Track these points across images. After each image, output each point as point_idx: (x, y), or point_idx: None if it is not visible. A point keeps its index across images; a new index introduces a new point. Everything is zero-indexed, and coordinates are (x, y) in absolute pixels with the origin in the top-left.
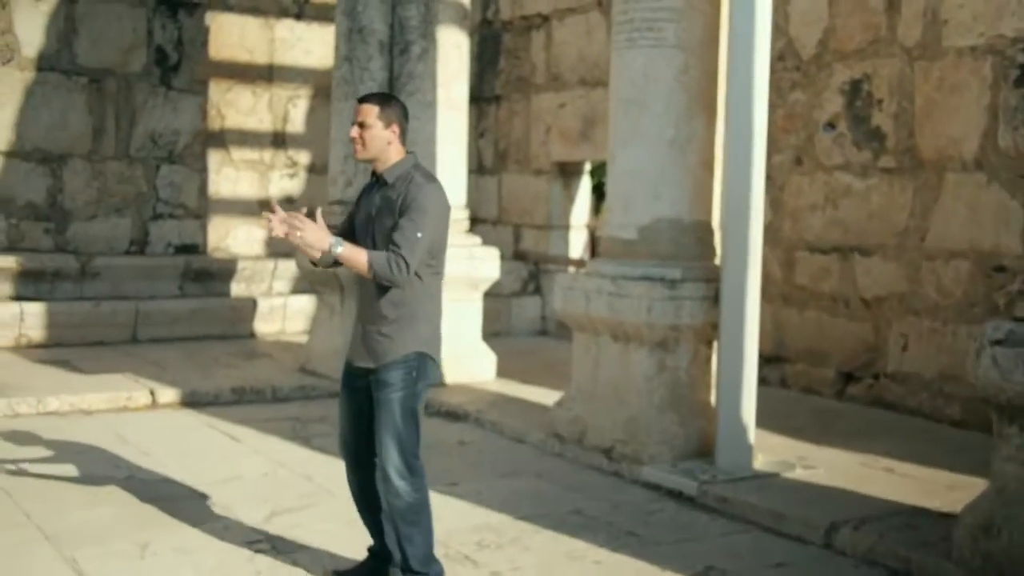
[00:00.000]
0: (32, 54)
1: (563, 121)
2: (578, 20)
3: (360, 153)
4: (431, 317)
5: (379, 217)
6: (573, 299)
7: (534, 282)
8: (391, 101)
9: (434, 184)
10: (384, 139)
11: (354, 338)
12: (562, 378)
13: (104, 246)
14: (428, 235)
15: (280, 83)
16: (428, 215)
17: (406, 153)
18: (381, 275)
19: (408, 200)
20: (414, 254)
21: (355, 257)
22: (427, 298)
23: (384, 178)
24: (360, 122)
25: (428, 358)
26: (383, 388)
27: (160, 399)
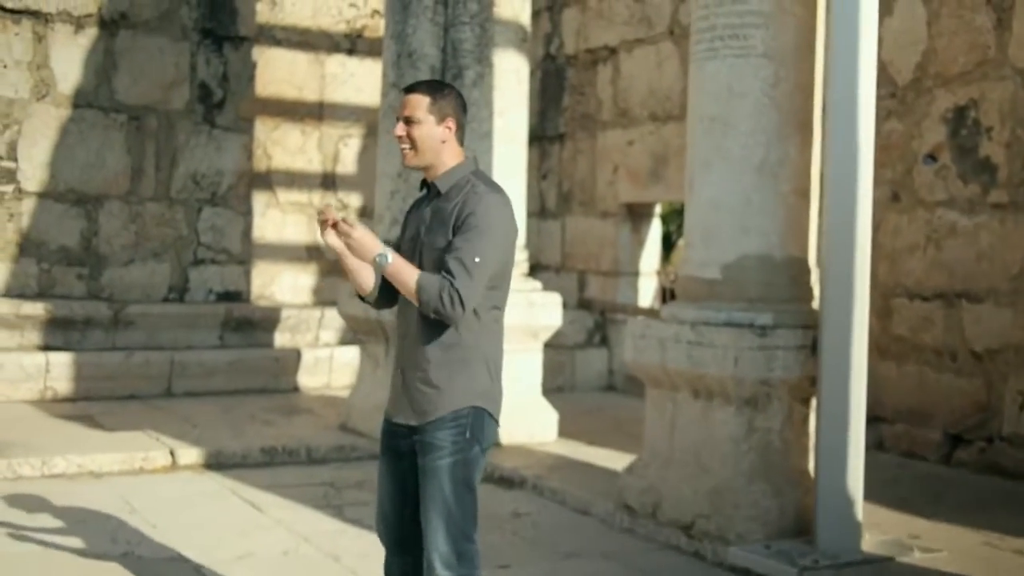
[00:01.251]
0: (68, 90)
1: (632, 160)
2: (648, 51)
3: (409, 158)
4: (490, 362)
5: (429, 235)
6: (646, 349)
7: (600, 333)
8: (445, 90)
9: (499, 195)
10: (437, 138)
11: (393, 387)
12: (632, 439)
13: (141, 293)
14: (490, 261)
15: (330, 121)
16: (490, 235)
17: (464, 156)
18: (429, 307)
19: (465, 214)
20: (471, 287)
21: (404, 275)
22: (486, 338)
23: (436, 187)
24: (407, 117)
25: (486, 414)
26: (429, 452)
27: (181, 460)
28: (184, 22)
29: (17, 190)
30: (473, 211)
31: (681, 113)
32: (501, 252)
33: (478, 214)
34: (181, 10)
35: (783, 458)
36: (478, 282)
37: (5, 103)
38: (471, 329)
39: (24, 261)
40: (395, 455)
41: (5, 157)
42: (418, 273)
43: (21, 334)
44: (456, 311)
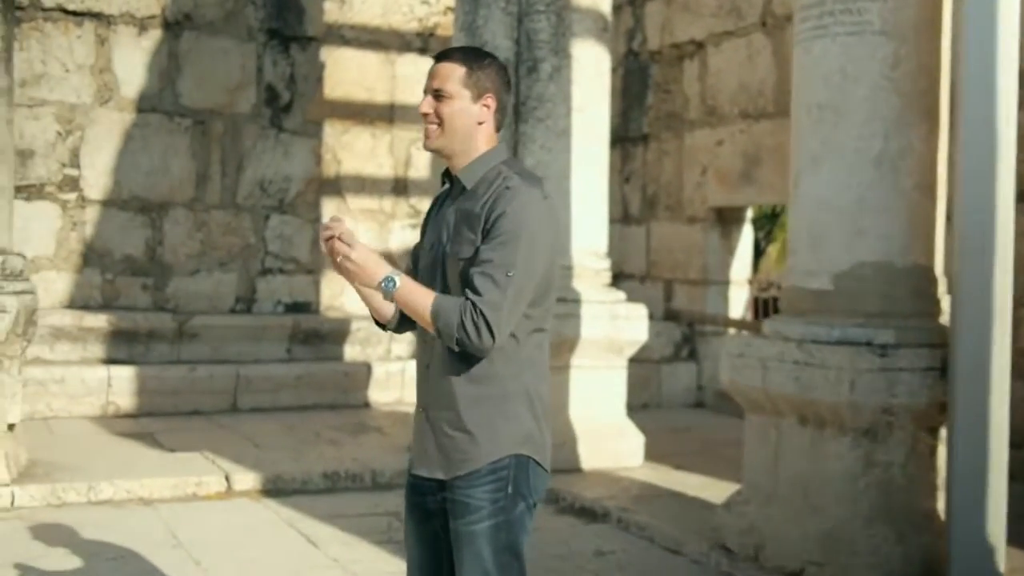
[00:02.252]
0: (132, 94)
1: (721, 161)
2: (738, 45)
3: (433, 139)
4: (534, 397)
5: (453, 243)
6: (745, 369)
7: (688, 346)
8: (485, 59)
9: (536, 189)
10: (472, 118)
11: (416, 430)
12: (726, 463)
13: (207, 304)
14: (527, 274)
15: (402, 124)
16: (527, 240)
17: (499, 140)
18: (451, 338)
19: (495, 216)
20: (504, 308)
21: (416, 301)
22: (527, 368)
23: (460, 182)
24: (436, 90)
25: (532, 463)
26: (464, 514)
27: (236, 485)
28: (250, 22)
29: (80, 198)
30: (504, 211)
31: (775, 110)
32: (542, 261)
33: (510, 215)
34: (246, 10)
35: (907, 497)
36: (512, 302)
37: (67, 108)
38: (509, 358)
39: (88, 271)
40: (422, 515)
41: (68, 164)
42: (432, 297)
43: (84, 347)
44: (483, 341)
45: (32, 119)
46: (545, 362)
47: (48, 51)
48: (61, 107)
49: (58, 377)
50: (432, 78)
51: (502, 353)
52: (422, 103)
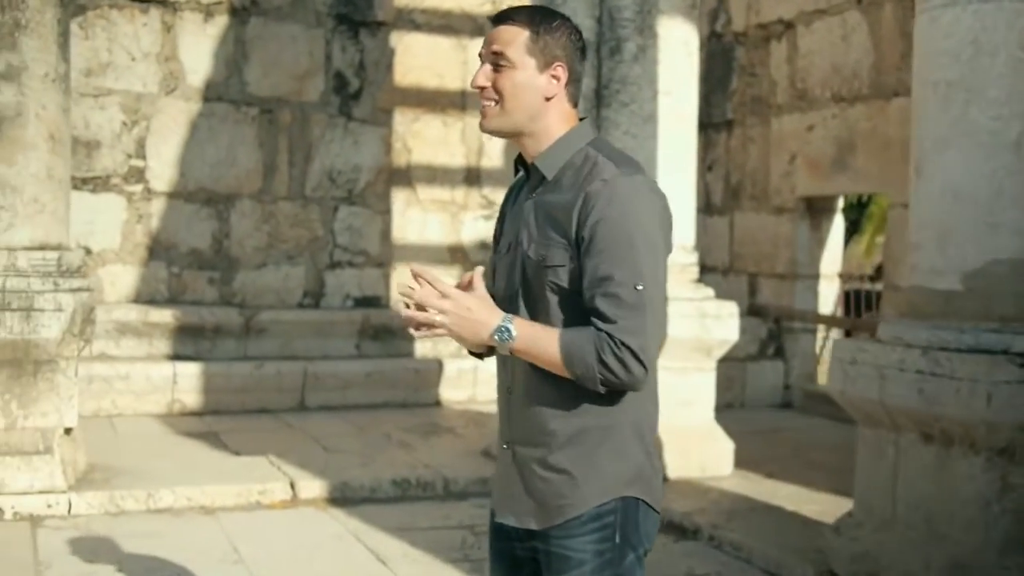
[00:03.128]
0: (198, 83)
1: (811, 147)
2: (831, 24)
3: (491, 117)
4: (644, 427)
5: (537, 244)
6: (859, 378)
7: (774, 343)
8: (554, 20)
9: (635, 176)
10: (539, 92)
11: (500, 470)
12: (820, 471)
13: (274, 298)
14: (656, 282)
15: (474, 111)
16: (643, 241)
17: (577, 117)
18: (594, 381)
19: (594, 218)
20: (645, 331)
21: (541, 348)
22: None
23: (538, 169)
24: (495, 53)
25: (642, 505)
26: (562, 569)
27: (302, 493)
28: (318, 7)
29: (146, 190)
30: (604, 214)
31: (872, 92)
32: (664, 261)
33: (616, 214)
34: None
35: None
36: (653, 319)
37: (133, 98)
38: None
39: (153, 265)
40: (511, 563)
41: (134, 155)
42: (557, 338)
43: (150, 342)
44: (634, 375)
45: (98, 109)
46: (655, 382)
47: (114, 39)
48: (127, 96)
49: (123, 374)
50: (490, 43)
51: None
52: (477, 74)
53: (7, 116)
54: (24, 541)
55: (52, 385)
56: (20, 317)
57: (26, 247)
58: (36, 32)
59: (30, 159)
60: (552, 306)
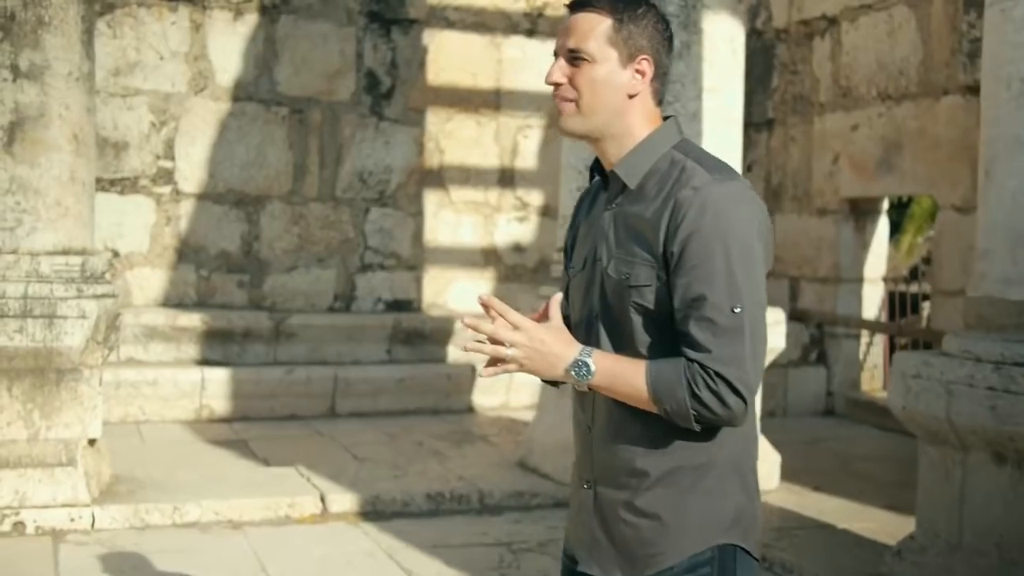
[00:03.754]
0: (227, 82)
1: (856, 147)
2: (876, 19)
3: (569, 118)
4: (744, 466)
5: (617, 261)
6: (923, 393)
7: (817, 349)
8: (638, 7)
9: (731, 183)
10: (621, 89)
11: (578, 513)
12: (869, 484)
13: (304, 302)
14: (756, 302)
15: (508, 111)
16: (740, 256)
17: (661, 117)
18: (685, 417)
19: (685, 233)
20: (744, 360)
21: (625, 382)
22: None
23: (618, 176)
24: (571, 50)
25: (739, 553)
26: None
27: (332, 507)
28: (349, 5)
29: (175, 191)
30: (696, 226)
31: (920, 90)
32: (763, 277)
33: (709, 227)
34: None
35: None
36: (753, 345)
37: (162, 98)
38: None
39: (182, 268)
40: None
41: (162, 156)
42: (644, 370)
43: (177, 347)
44: (732, 409)
45: (126, 109)
46: (756, 415)
47: (142, 38)
48: (155, 96)
49: (151, 379)
50: (566, 34)
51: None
52: (551, 69)
53: (30, 116)
54: (46, 557)
55: (75, 395)
56: (43, 324)
57: (49, 252)
58: (59, 30)
59: (53, 161)
60: (636, 330)
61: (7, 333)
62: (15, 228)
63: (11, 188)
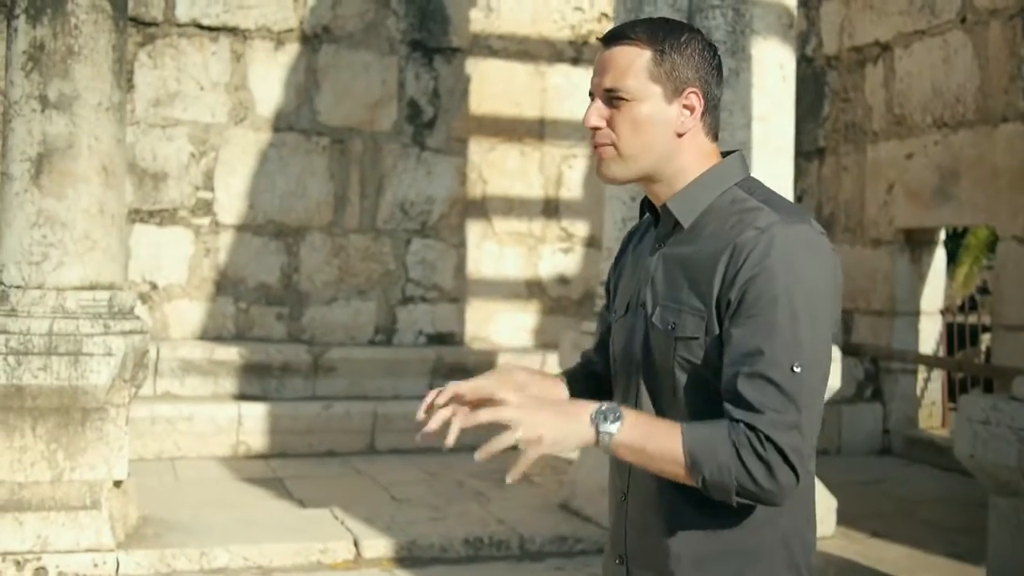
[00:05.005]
0: (268, 112)
1: (911, 176)
2: (931, 45)
3: (608, 164)
4: (794, 546)
5: (664, 309)
6: (992, 440)
7: (871, 385)
8: (680, 35)
9: (801, 226)
10: (668, 126)
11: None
12: (931, 530)
13: (344, 335)
14: (817, 362)
15: (553, 140)
16: (806, 309)
17: (720, 154)
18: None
19: (746, 276)
20: (800, 427)
21: (656, 448)
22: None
23: (671, 214)
24: (608, 90)
25: None
26: None
27: (366, 552)
28: (391, 34)
29: (214, 223)
30: (757, 271)
31: (978, 117)
32: (830, 334)
33: (772, 272)
34: (388, 20)
35: None
36: (811, 412)
37: (202, 128)
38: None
39: (221, 300)
40: None
41: (201, 187)
42: (679, 435)
43: (215, 381)
44: (781, 483)
45: (165, 140)
46: (813, 491)
47: (183, 68)
48: (195, 127)
49: (187, 415)
50: (602, 72)
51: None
52: (588, 112)
53: (58, 148)
54: None
55: (101, 435)
56: (68, 362)
57: (75, 287)
58: (90, 59)
59: (81, 193)
60: (680, 388)
61: (31, 371)
62: (41, 262)
63: (38, 221)
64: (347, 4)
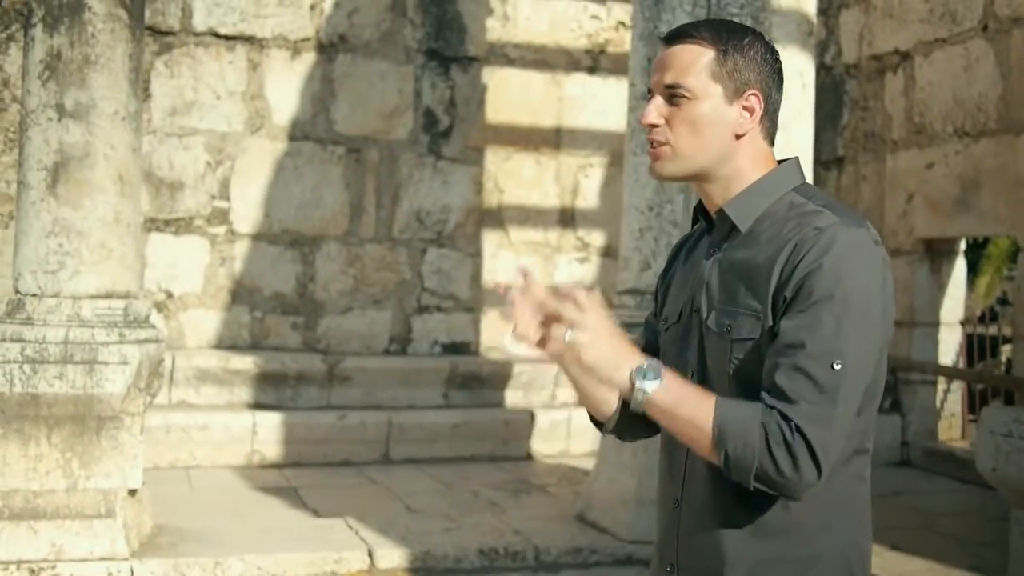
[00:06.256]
0: (284, 121)
1: (931, 186)
2: (952, 53)
3: (664, 162)
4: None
5: (719, 313)
6: (1014, 453)
7: (891, 396)
8: (744, 38)
9: (860, 230)
10: (727, 127)
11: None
12: (952, 543)
13: (360, 344)
14: (860, 364)
15: (569, 150)
16: (857, 310)
17: (776, 161)
18: (745, 470)
19: (802, 273)
20: (831, 423)
21: (688, 412)
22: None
23: (727, 218)
24: (669, 86)
25: None
26: None
27: (380, 563)
28: (407, 43)
29: (230, 232)
30: (817, 266)
31: (999, 126)
32: (878, 341)
33: (828, 271)
34: (404, 30)
35: None
36: (844, 411)
37: (218, 137)
38: (816, 498)
39: (236, 309)
40: None
41: (217, 196)
42: (712, 405)
43: (230, 390)
44: (803, 476)
45: (182, 149)
46: (868, 501)
47: (199, 78)
48: (211, 136)
49: (202, 423)
50: (663, 69)
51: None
52: (647, 108)
53: (74, 156)
54: None
55: (116, 443)
56: (83, 371)
57: (91, 295)
58: (106, 68)
59: (97, 202)
60: (736, 392)
61: (47, 379)
62: (57, 271)
63: (54, 230)
64: (364, 13)
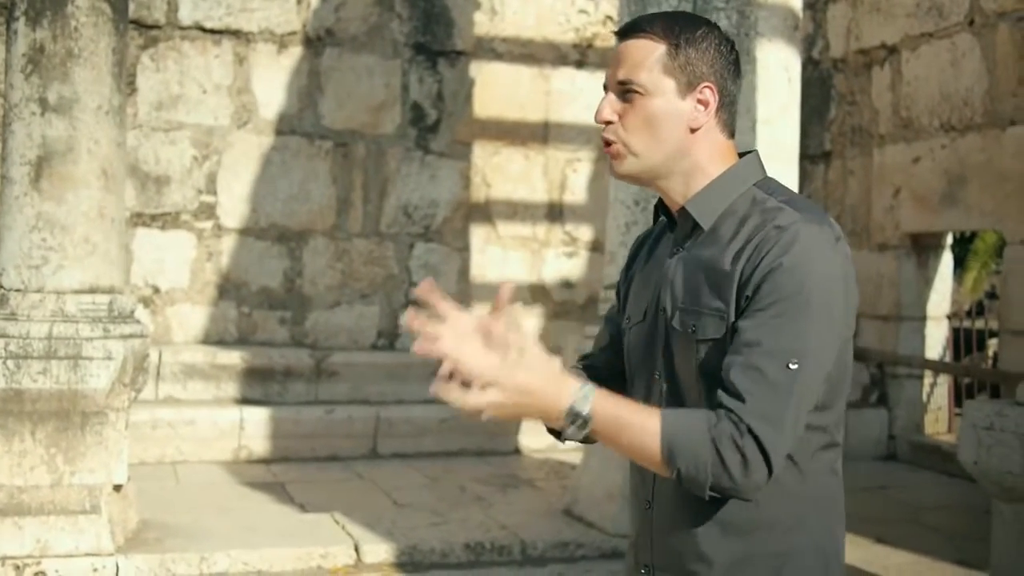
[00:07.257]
0: (271, 116)
1: (918, 180)
2: (938, 48)
3: (621, 160)
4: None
5: (684, 313)
6: (996, 447)
7: (877, 390)
8: (696, 29)
9: (822, 227)
10: (681, 121)
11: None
12: (937, 536)
13: (347, 339)
14: (817, 364)
15: (557, 144)
16: (817, 309)
17: (737, 153)
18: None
19: (762, 271)
20: (783, 423)
21: (628, 434)
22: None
23: (689, 216)
24: (622, 82)
25: None
26: None
27: (366, 557)
28: (395, 36)
29: (216, 226)
30: (778, 264)
31: (985, 121)
32: (837, 339)
33: (788, 269)
34: (391, 23)
35: None
36: (796, 411)
37: (204, 132)
38: (788, 494)
39: (223, 304)
40: None
41: (204, 191)
42: (657, 423)
43: (217, 385)
44: (752, 478)
45: (168, 144)
46: (841, 493)
47: (185, 72)
48: (197, 130)
49: (188, 419)
50: (616, 65)
51: (778, 487)
52: (601, 105)
53: (57, 151)
54: None
55: (100, 439)
56: (67, 366)
57: (75, 291)
58: (89, 62)
59: (81, 197)
60: (704, 391)
61: (31, 375)
62: (41, 266)
63: (37, 225)
64: (350, 7)
